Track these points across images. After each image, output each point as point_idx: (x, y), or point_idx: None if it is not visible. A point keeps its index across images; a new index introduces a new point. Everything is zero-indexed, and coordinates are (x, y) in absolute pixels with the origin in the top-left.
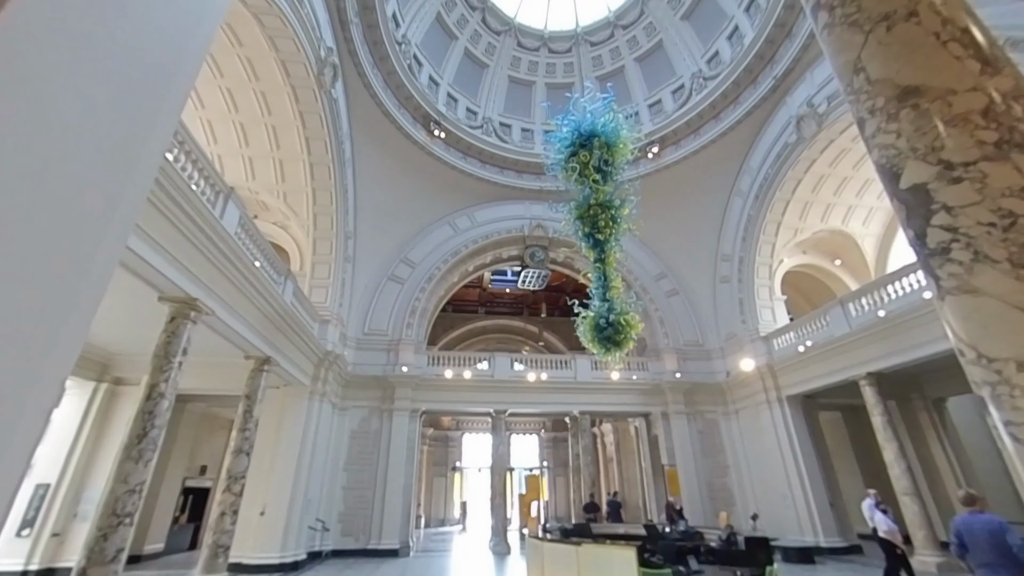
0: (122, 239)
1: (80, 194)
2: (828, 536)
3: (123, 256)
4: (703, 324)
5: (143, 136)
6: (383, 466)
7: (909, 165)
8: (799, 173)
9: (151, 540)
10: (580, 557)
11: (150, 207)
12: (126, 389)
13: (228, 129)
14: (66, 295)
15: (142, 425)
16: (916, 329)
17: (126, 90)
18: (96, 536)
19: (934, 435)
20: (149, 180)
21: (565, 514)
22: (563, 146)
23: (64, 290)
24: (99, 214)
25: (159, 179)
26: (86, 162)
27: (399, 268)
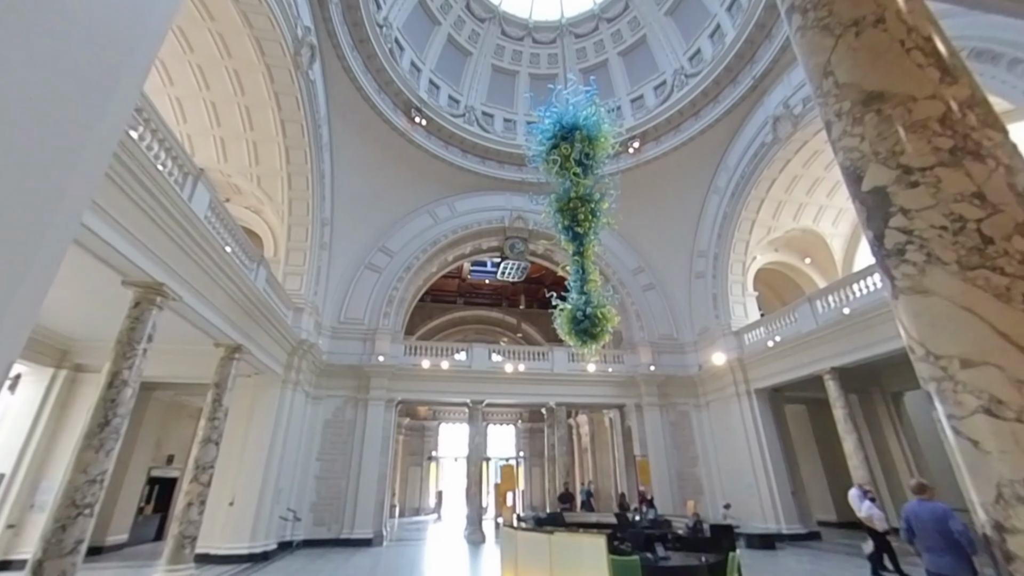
0: (76, 216)
1: (28, 166)
2: (789, 523)
3: (81, 236)
4: (678, 318)
5: (100, 106)
6: (357, 456)
7: (871, 168)
8: (774, 172)
9: (114, 531)
10: (552, 545)
11: (112, 186)
12: (87, 376)
13: (198, 108)
14: (11, 274)
15: (104, 413)
16: (877, 327)
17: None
18: (54, 527)
19: (891, 427)
20: (107, 154)
21: (540, 503)
22: (545, 138)
23: (9, 269)
24: (50, 188)
25: (122, 157)
26: (35, 132)
27: (377, 257)
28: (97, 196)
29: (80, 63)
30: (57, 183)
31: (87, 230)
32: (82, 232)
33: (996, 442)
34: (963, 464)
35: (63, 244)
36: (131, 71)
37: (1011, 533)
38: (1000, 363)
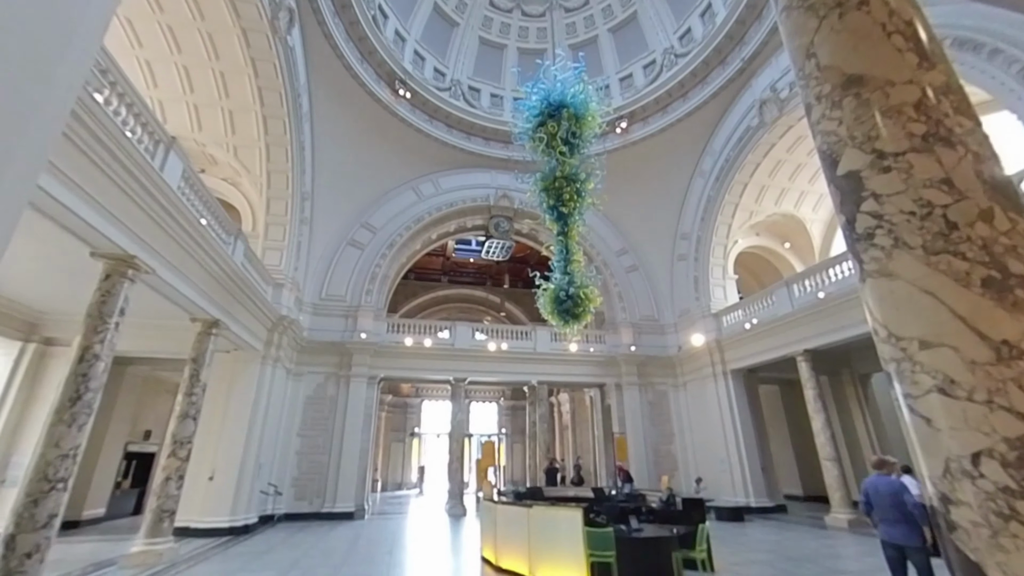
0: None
1: None
2: (758, 497)
3: (42, 202)
4: (659, 300)
5: (56, 55)
6: (339, 431)
7: (847, 152)
8: (758, 157)
9: (91, 505)
10: (531, 518)
11: (76, 151)
12: (58, 350)
13: (170, 72)
14: None
15: (75, 388)
16: (849, 311)
17: (34, 8)
18: (25, 502)
19: (858, 407)
20: (64, 108)
21: (522, 479)
22: (531, 115)
23: None
24: None
25: (86, 122)
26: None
27: (359, 233)
28: (59, 161)
29: (32, 13)
30: (6, 140)
31: (49, 196)
32: (42, 197)
33: (947, 420)
34: (916, 440)
35: (16, 207)
36: (90, 21)
37: (955, 505)
38: (956, 344)
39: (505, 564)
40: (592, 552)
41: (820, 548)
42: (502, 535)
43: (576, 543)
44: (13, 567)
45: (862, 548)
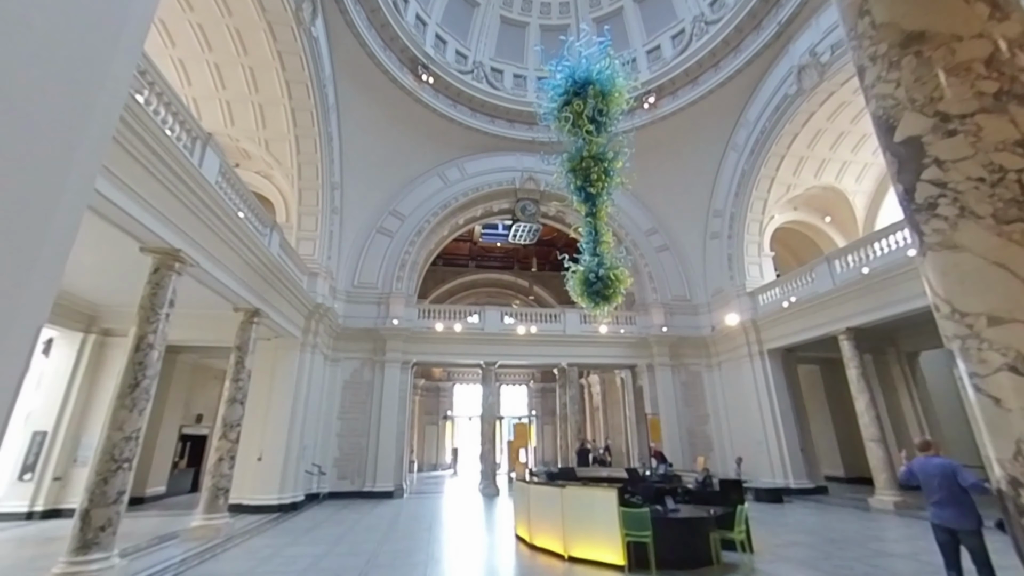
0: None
1: (35, 133)
2: (797, 478)
3: (98, 204)
4: (691, 279)
5: (104, 63)
6: (376, 415)
7: (906, 117)
8: (796, 127)
9: (152, 483)
10: (564, 498)
11: (123, 153)
12: (115, 340)
13: (202, 70)
14: (30, 242)
15: (133, 375)
16: (897, 286)
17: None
18: (96, 480)
19: (904, 387)
20: (114, 113)
21: (553, 459)
22: (556, 94)
23: (28, 236)
24: (60, 153)
25: (130, 123)
26: (39, 96)
27: (388, 220)
28: (109, 163)
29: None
30: (66, 148)
31: (102, 197)
32: (97, 199)
33: (1018, 400)
34: (982, 421)
35: (78, 209)
36: (134, 22)
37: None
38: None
39: (539, 542)
40: (628, 532)
41: (864, 530)
42: (536, 514)
43: (612, 523)
44: (90, 539)
45: (910, 531)
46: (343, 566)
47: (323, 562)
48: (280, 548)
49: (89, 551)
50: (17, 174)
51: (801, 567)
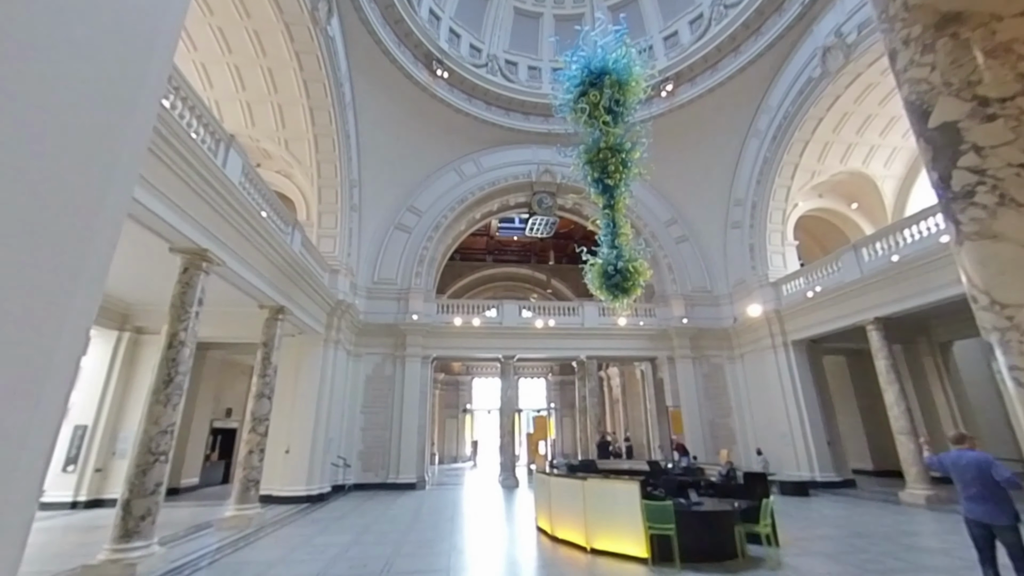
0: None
1: (82, 147)
2: (824, 471)
3: (132, 208)
4: (712, 270)
5: (138, 77)
6: (398, 409)
7: (941, 102)
8: (821, 111)
9: (187, 475)
10: (586, 490)
11: (151, 156)
12: (148, 338)
13: (223, 72)
14: (78, 249)
15: (167, 371)
16: (929, 274)
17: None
18: (136, 472)
19: (936, 378)
20: (149, 125)
21: (572, 452)
22: (572, 85)
23: (78, 242)
24: (102, 165)
25: (158, 127)
26: (80, 112)
27: (405, 216)
28: (142, 169)
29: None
30: (108, 158)
31: (134, 201)
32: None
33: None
34: (1023, 416)
35: (119, 218)
36: (164, 35)
37: None
38: None
39: (561, 534)
40: (651, 525)
41: (895, 524)
42: (557, 506)
43: (634, 516)
44: (131, 528)
45: (942, 526)
46: (370, 555)
47: (351, 551)
48: (309, 537)
49: (131, 539)
50: (65, 185)
51: (828, 561)
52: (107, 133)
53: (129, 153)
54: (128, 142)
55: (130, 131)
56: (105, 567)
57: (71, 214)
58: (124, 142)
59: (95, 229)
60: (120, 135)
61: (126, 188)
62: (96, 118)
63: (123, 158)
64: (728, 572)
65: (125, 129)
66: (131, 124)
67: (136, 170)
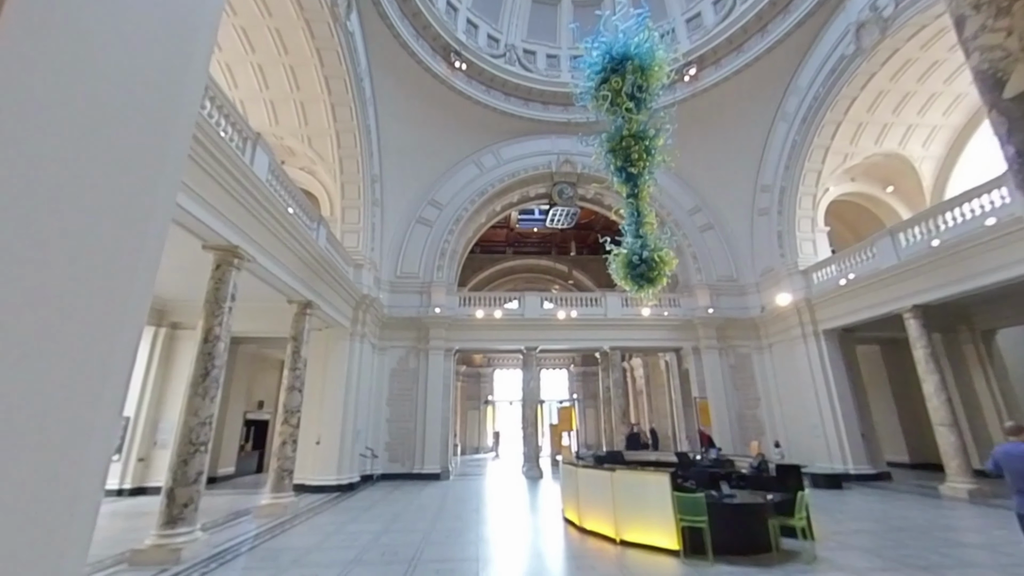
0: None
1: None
2: (857, 464)
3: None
4: (738, 259)
5: (179, 77)
6: (422, 401)
7: (1019, 69)
8: (854, 90)
9: (223, 464)
10: (615, 482)
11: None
12: (183, 333)
13: (247, 71)
14: (133, 251)
15: (204, 365)
16: (972, 259)
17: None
18: (177, 461)
19: (979, 367)
20: (188, 134)
21: (596, 443)
22: (593, 72)
23: (131, 248)
24: (150, 172)
25: None
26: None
27: (427, 210)
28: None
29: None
30: (154, 166)
31: None
32: None
33: None
34: None
35: (166, 223)
36: (200, 44)
37: None
38: None
39: (589, 526)
40: (683, 517)
41: (935, 519)
42: (585, 498)
43: (665, 508)
44: (175, 515)
45: (987, 520)
46: (401, 542)
47: (382, 538)
48: (342, 525)
49: (176, 526)
50: (117, 192)
51: (867, 555)
52: (153, 142)
53: (172, 160)
54: (171, 150)
55: (173, 138)
56: (152, 552)
57: (124, 220)
58: (168, 150)
59: (146, 234)
60: (164, 143)
61: (170, 194)
62: (142, 127)
63: (167, 166)
64: (762, 566)
65: (168, 137)
66: (173, 132)
67: (178, 176)
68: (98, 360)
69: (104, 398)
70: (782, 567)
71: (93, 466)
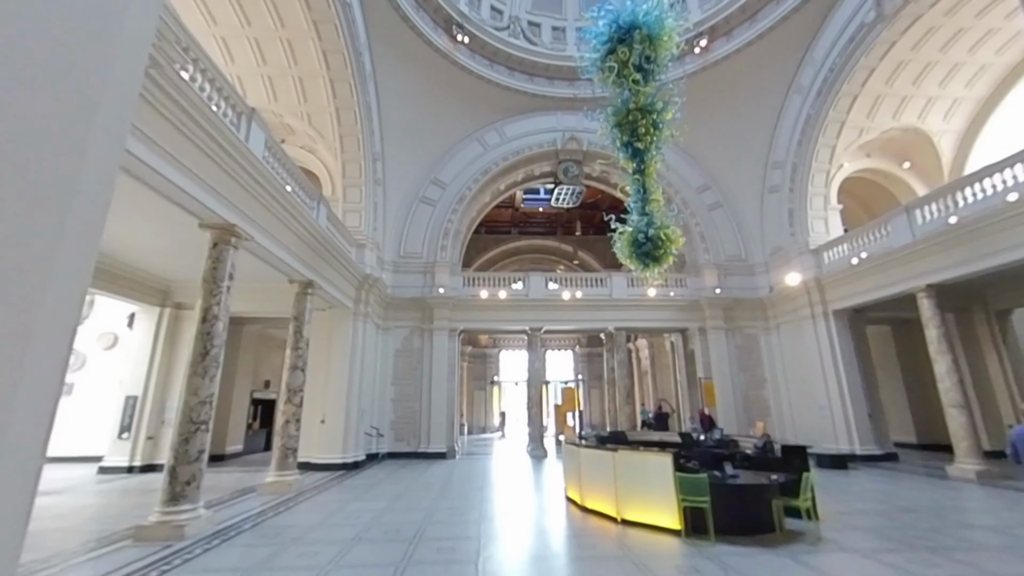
0: (120, 135)
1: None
2: (864, 444)
3: (157, 183)
4: (747, 238)
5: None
6: (427, 381)
7: None
8: (873, 60)
9: (231, 442)
10: (617, 462)
11: (174, 131)
12: (187, 313)
13: (243, 46)
14: (65, 196)
15: (203, 345)
16: (991, 236)
17: None
18: (179, 440)
19: (991, 348)
20: (137, 67)
21: (599, 423)
22: (599, 43)
23: (62, 190)
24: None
25: (179, 100)
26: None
27: (429, 189)
28: (163, 141)
29: None
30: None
31: (161, 177)
32: (156, 179)
33: None
34: None
35: (110, 168)
36: None
37: None
38: None
39: (591, 505)
40: (685, 497)
41: (943, 500)
42: (587, 477)
43: (667, 488)
44: (178, 492)
45: (997, 502)
46: (403, 520)
47: (385, 517)
48: (345, 503)
49: (178, 503)
50: (43, 125)
51: (873, 536)
52: (85, 73)
53: (114, 97)
54: (112, 85)
55: (114, 72)
56: (156, 528)
57: (52, 157)
58: (106, 85)
59: (80, 175)
60: (101, 77)
61: (115, 134)
62: (71, 56)
63: (108, 102)
64: (765, 546)
65: (107, 70)
66: (115, 65)
67: (127, 116)
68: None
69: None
70: (786, 547)
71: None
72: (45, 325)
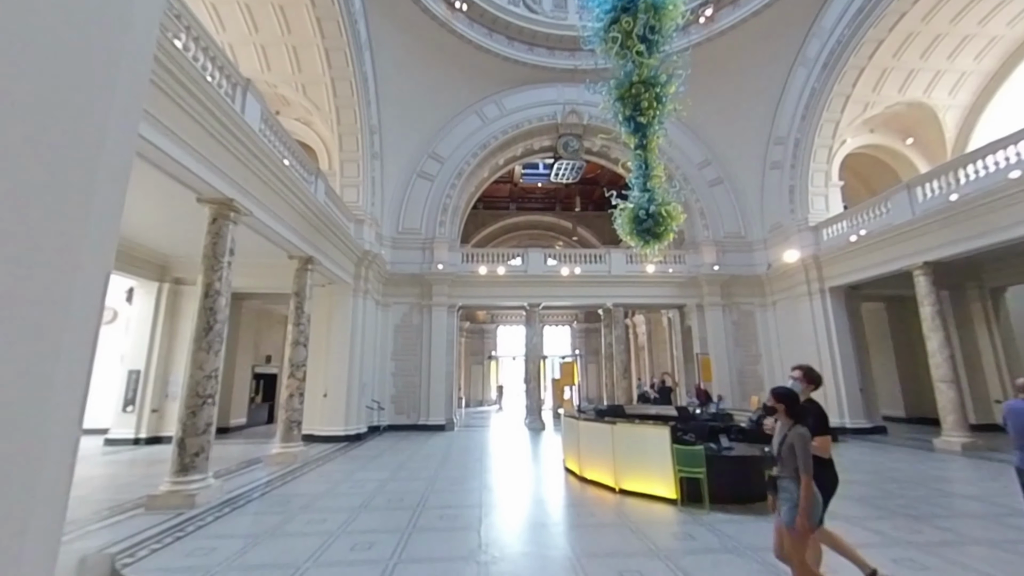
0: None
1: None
2: (854, 418)
3: (155, 157)
4: (747, 214)
5: None
6: (426, 356)
7: None
8: (882, 32)
9: (235, 415)
10: (615, 435)
11: (169, 101)
12: (186, 288)
13: (234, 13)
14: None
15: (206, 320)
16: (990, 214)
17: None
18: (186, 413)
19: (984, 325)
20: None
21: (596, 397)
22: (602, 12)
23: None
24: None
25: (172, 70)
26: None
27: (428, 164)
28: (159, 113)
29: None
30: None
31: (157, 149)
32: (153, 151)
33: None
34: None
35: (126, 156)
36: None
37: None
38: None
39: (589, 475)
40: (681, 468)
41: (928, 471)
42: (585, 449)
43: (664, 459)
44: (187, 463)
45: (979, 473)
46: (406, 489)
47: (388, 486)
48: (349, 473)
49: (188, 473)
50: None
51: (860, 505)
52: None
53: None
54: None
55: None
56: (167, 497)
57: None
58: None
59: (96, 168)
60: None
61: (130, 122)
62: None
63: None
64: (757, 514)
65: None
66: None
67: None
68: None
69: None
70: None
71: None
72: (78, 305)
